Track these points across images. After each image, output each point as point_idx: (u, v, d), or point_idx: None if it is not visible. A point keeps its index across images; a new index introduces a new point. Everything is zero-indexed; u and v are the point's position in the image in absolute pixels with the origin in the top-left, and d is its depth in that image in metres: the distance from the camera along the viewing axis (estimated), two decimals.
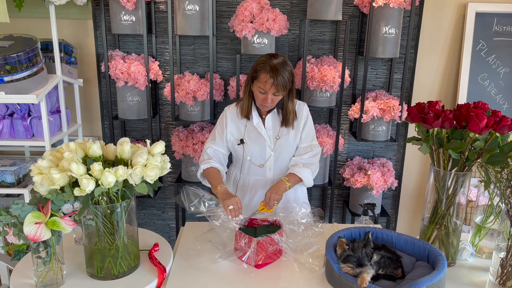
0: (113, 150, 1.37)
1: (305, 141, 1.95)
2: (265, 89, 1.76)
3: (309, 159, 1.93)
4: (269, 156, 1.93)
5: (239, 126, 1.93)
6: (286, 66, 1.77)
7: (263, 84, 1.75)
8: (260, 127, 1.90)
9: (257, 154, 1.93)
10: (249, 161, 1.94)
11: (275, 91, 1.76)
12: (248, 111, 1.89)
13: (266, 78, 1.74)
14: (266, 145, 1.92)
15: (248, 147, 1.92)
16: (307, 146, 1.94)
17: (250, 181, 1.98)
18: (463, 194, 1.50)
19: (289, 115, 1.89)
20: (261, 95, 1.79)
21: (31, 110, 2.27)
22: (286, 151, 1.94)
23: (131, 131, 2.82)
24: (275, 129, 1.92)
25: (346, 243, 1.40)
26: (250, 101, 1.89)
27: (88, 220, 1.33)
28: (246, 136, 1.92)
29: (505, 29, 2.65)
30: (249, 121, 1.92)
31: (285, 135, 1.93)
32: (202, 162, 1.92)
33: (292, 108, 1.89)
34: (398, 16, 2.40)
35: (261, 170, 1.95)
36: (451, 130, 1.47)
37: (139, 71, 2.43)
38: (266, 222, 1.62)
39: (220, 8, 2.59)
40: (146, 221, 2.98)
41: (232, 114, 1.94)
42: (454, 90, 2.78)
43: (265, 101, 1.79)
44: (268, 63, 1.76)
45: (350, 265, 1.34)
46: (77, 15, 2.57)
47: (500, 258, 1.41)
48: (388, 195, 2.95)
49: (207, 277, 1.42)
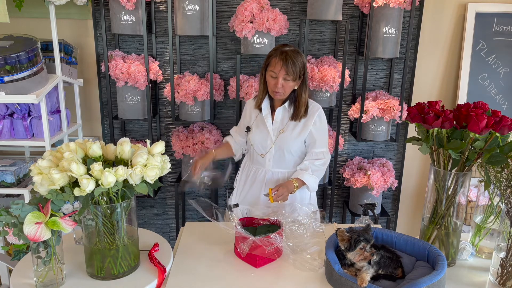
0: (113, 150, 1.37)
1: (319, 146, 1.98)
2: (276, 72, 1.84)
3: (319, 166, 1.98)
4: (270, 148, 1.98)
5: (252, 115, 2.04)
6: (298, 54, 1.86)
7: (274, 67, 1.84)
8: (266, 119, 1.97)
9: (259, 143, 2.00)
10: (252, 148, 2.03)
11: (285, 74, 1.83)
12: (260, 101, 1.98)
13: (276, 61, 1.83)
14: (269, 137, 1.97)
15: (252, 135, 2.01)
16: (320, 152, 1.98)
17: (252, 169, 2.07)
18: (463, 194, 1.50)
19: (301, 107, 1.94)
20: (273, 79, 1.87)
21: (31, 110, 2.27)
22: (287, 145, 1.96)
23: (131, 131, 2.82)
24: (282, 123, 1.97)
25: (346, 231, 1.40)
26: (264, 92, 1.97)
27: (88, 220, 1.33)
28: (254, 125, 2.02)
29: (505, 29, 2.65)
30: (260, 113, 2.01)
31: (290, 130, 1.95)
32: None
33: (305, 100, 1.94)
34: (398, 16, 2.40)
35: (262, 160, 2.02)
36: (451, 130, 1.47)
37: (139, 71, 2.43)
38: (266, 222, 1.62)
39: (220, 8, 2.59)
40: (146, 221, 2.98)
41: (251, 105, 2.07)
42: (454, 90, 2.78)
43: (276, 86, 1.85)
44: (280, 49, 1.86)
45: (361, 247, 1.35)
46: (77, 15, 2.57)
47: (500, 258, 1.41)
48: (388, 195, 2.95)
49: (207, 277, 1.42)
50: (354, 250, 1.36)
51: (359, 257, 1.35)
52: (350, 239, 1.38)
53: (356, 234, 1.38)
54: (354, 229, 1.42)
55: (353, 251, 1.36)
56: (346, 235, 1.39)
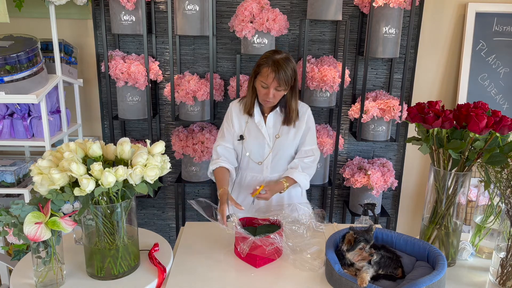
0: (113, 150, 1.37)
1: (308, 144, 1.98)
2: (267, 83, 1.79)
3: (310, 163, 1.97)
4: (268, 154, 1.95)
5: (241, 122, 1.96)
6: (289, 62, 1.80)
7: (265, 78, 1.78)
8: (261, 125, 1.92)
9: (256, 151, 1.95)
10: (248, 157, 1.97)
11: (276, 86, 1.79)
12: (250, 107, 1.92)
13: (268, 72, 1.77)
14: (265, 143, 1.94)
15: (247, 143, 1.95)
16: (309, 150, 1.98)
17: (247, 177, 2.01)
18: (463, 194, 1.50)
19: (292, 113, 1.91)
20: (263, 89, 1.82)
21: (31, 110, 2.27)
22: (285, 150, 1.95)
23: (131, 131, 2.82)
24: (275, 128, 1.94)
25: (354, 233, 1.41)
26: (253, 98, 1.91)
27: (88, 220, 1.33)
28: (246, 133, 1.95)
29: (505, 29, 2.65)
30: (250, 118, 1.94)
31: (285, 134, 1.94)
32: (211, 161, 1.96)
33: (295, 106, 1.91)
34: (398, 16, 2.40)
35: (259, 167, 1.97)
36: (451, 130, 1.47)
37: (139, 71, 2.43)
38: (266, 222, 1.63)
39: (220, 8, 2.59)
40: (146, 221, 2.98)
41: (236, 110, 1.98)
42: (454, 90, 2.78)
43: (267, 96, 1.81)
44: (271, 58, 1.79)
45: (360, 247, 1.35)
46: (77, 15, 2.57)
47: (500, 258, 1.41)
48: (388, 195, 2.95)
49: (207, 277, 1.42)
50: (354, 250, 1.36)
51: (358, 257, 1.36)
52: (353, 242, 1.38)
53: (356, 234, 1.38)
54: (354, 229, 1.42)
55: (352, 251, 1.36)
56: (354, 237, 1.39)
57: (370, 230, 1.41)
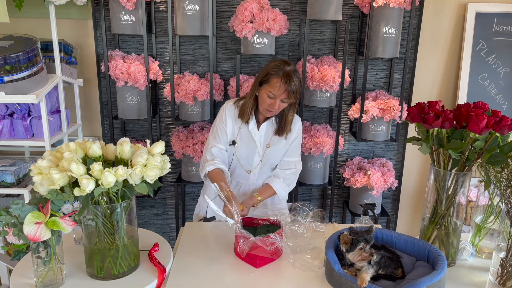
0: (113, 150, 1.37)
1: (291, 156, 1.97)
2: (275, 94, 1.76)
3: (290, 175, 1.97)
4: (257, 163, 1.94)
5: (234, 126, 1.92)
6: (298, 74, 1.80)
7: (275, 88, 1.75)
8: (254, 133, 1.91)
9: (245, 158, 1.94)
10: (238, 162, 1.95)
11: (285, 97, 1.77)
12: (249, 115, 1.89)
13: (279, 83, 1.74)
14: (256, 151, 1.93)
15: (238, 149, 1.92)
16: (291, 162, 1.97)
17: (233, 182, 2.00)
18: (463, 194, 1.50)
19: (287, 124, 1.90)
20: (269, 99, 1.78)
21: (31, 110, 2.27)
22: (273, 160, 1.96)
23: (131, 131, 2.82)
24: (267, 137, 1.93)
25: (349, 234, 1.40)
26: (253, 106, 1.88)
27: (88, 220, 1.33)
28: (238, 138, 1.92)
29: (505, 29, 2.65)
30: (244, 124, 1.91)
31: (276, 144, 1.93)
32: (205, 162, 1.88)
33: (292, 118, 1.90)
34: (398, 16, 2.40)
35: (247, 175, 1.97)
36: (451, 130, 1.47)
37: (139, 71, 2.43)
38: (266, 222, 1.63)
39: (220, 8, 2.59)
40: (146, 221, 2.98)
41: (231, 112, 1.93)
42: (454, 90, 2.78)
43: (273, 106, 1.79)
44: (282, 69, 1.76)
45: (360, 248, 1.35)
46: (77, 15, 2.57)
47: (500, 258, 1.41)
48: (388, 195, 2.95)
49: (207, 277, 1.42)
50: (354, 250, 1.36)
51: (358, 258, 1.35)
52: (351, 242, 1.38)
53: (356, 235, 1.38)
54: (354, 229, 1.42)
55: (352, 252, 1.36)
56: (349, 238, 1.39)
57: (370, 230, 1.41)
